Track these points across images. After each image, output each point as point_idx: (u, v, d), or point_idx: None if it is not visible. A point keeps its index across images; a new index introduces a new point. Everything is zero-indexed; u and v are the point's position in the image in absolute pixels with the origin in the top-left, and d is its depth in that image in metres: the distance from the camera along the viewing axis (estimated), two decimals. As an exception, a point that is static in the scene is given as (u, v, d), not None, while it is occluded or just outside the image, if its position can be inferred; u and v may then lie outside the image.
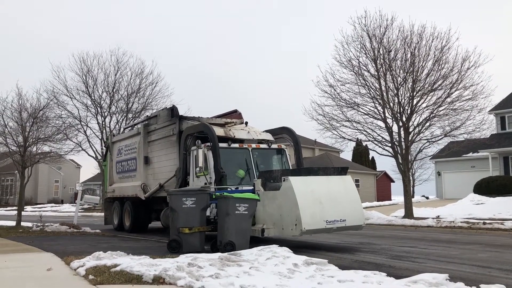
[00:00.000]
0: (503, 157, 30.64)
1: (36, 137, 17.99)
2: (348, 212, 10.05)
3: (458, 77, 19.38)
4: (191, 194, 9.56)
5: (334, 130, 20.98)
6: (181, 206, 9.40)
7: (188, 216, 9.48)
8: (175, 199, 9.48)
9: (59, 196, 56.87)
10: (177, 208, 9.45)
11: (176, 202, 9.45)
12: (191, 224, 9.47)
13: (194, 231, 9.53)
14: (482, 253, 9.49)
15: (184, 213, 9.45)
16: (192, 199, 9.43)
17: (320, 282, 5.97)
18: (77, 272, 6.93)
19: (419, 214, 20.61)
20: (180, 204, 9.40)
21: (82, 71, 32.97)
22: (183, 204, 9.40)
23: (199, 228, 9.58)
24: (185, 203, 9.40)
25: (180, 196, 9.53)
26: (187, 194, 9.53)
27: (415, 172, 54.01)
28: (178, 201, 9.43)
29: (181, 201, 9.38)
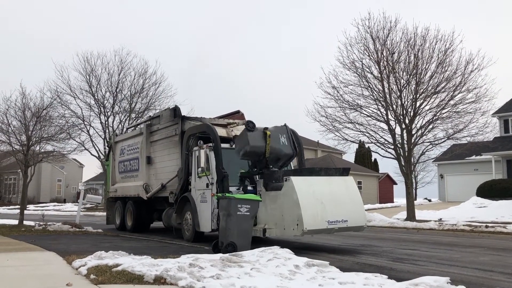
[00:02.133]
0: (506, 160, 30.55)
1: (39, 136, 18.04)
2: (350, 213, 10.05)
3: (462, 79, 19.37)
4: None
5: (336, 131, 21.00)
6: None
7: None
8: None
9: (62, 195, 57.01)
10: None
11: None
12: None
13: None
14: (484, 256, 9.46)
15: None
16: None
17: (321, 284, 5.97)
18: (79, 272, 6.94)
19: (422, 216, 20.59)
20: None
21: (86, 70, 33.13)
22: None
23: None
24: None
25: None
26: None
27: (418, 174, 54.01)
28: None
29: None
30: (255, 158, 10.68)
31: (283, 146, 10.72)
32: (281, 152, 10.73)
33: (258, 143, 10.41)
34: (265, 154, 10.42)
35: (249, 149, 10.33)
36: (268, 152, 10.42)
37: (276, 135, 10.75)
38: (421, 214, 21.53)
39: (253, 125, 10.48)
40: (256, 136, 10.43)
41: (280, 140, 10.73)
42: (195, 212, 11.72)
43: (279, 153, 10.69)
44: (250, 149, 10.34)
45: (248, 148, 10.33)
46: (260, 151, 10.45)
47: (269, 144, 10.41)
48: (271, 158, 10.68)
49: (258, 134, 10.48)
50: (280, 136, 10.79)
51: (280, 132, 10.90)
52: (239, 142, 10.68)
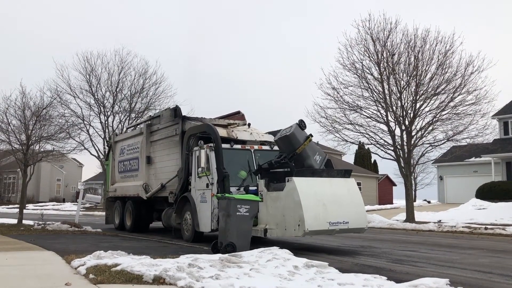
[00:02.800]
0: (505, 162, 30.58)
1: (39, 136, 18.04)
2: (351, 215, 10.06)
3: (462, 81, 19.39)
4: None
5: (336, 133, 21.01)
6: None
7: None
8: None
9: (61, 194, 56.99)
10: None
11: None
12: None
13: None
14: (483, 258, 9.46)
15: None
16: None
17: (320, 285, 5.97)
18: (78, 271, 6.94)
19: (421, 218, 20.59)
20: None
21: (86, 70, 33.04)
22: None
23: None
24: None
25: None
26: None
27: (417, 176, 54.06)
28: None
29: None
30: (287, 148, 10.74)
31: (314, 160, 10.80)
32: (309, 162, 10.73)
33: (299, 138, 10.54)
34: (296, 149, 10.50)
35: (289, 134, 10.46)
36: (300, 150, 10.50)
37: (314, 148, 11.01)
38: (421, 215, 21.54)
39: (305, 125, 10.81)
40: (301, 133, 10.65)
41: (315, 156, 10.86)
42: (194, 212, 11.72)
43: (306, 161, 10.71)
44: (290, 135, 10.45)
45: (289, 133, 10.46)
46: (295, 144, 10.51)
47: (305, 145, 10.54)
48: (298, 160, 10.67)
49: (303, 133, 10.71)
50: (317, 153, 10.95)
51: (319, 152, 11.09)
52: (283, 130, 10.97)
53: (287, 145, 10.68)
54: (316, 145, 11.24)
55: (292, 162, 10.71)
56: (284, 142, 10.70)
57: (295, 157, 10.64)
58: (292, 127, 10.72)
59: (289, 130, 10.65)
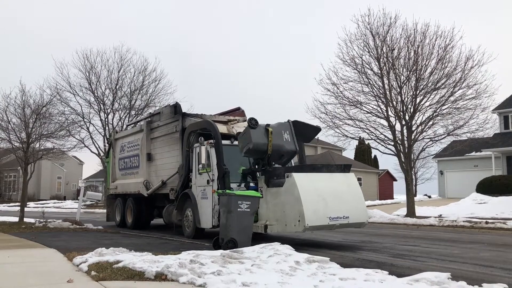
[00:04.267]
0: (506, 156, 30.57)
1: (39, 134, 18.03)
2: (351, 209, 10.06)
3: (462, 75, 19.34)
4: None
5: (336, 128, 20.97)
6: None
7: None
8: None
9: (62, 192, 57.04)
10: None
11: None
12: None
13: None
14: (484, 252, 9.48)
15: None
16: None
17: (322, 280, 5.97)
18: (80, 268, 6.95)
19: (421, 213, 20.59)
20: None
21: (86, 67, 33.05)
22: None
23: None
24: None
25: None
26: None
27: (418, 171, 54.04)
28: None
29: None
30: (258, 155, 10.65)
31: (286, 142, 10.67)
32: (284, 148, 10.68)
33: (261, 140, 10.35)
34: (267, 151, 10.37)
35: (252, 146, 10.28)
36: (270, 149, 10.37)
37: (279, 131, 10.71)
38: (421, 210, 21.54)
39: (256, 122, 10.40)
40: (259, 133, 10.38)
41: (283, 136, 10.66)
42: (195, 208, 11.73)
43: (282, 150, 10.64)
44: (253, 146, 10.28)
45: (251, 145, 10.29)
46: (263, 148, 10.40)
47: (271, 141, 10.35)
48: (274, 155, 10.65)
49: (260, 131, 10.42)
50: (283, 132, 10.73)
51: (283, 128, 10.84)
52: (242, 140, 10.64)
53: (256, 153, 10.54)
54: (276, 127, 10.68)
55: (271, 162, 10.60)
56: (252, 153, 10.57)
57: (274, 154, 10.54)
58: (247, 133, 10.31)
59: (247, 139, 10.26)
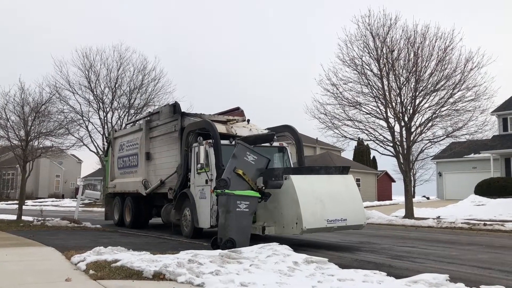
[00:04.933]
0: (504, 158, 30.59)
1: (38, 132, 18.02)
2: (349, 212, 10.04)
3: (461, 77, 19.37)
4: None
5: (335, 129, 21.00)
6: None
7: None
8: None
9: (60, 190, 56.97)
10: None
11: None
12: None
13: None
14: (482, 254, 9.48)
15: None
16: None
17: (320, 280, 5.98)
18: (78, 267, 6.94)
19: (420, 214, 20.61)
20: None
21: (85, 66, 33.04)
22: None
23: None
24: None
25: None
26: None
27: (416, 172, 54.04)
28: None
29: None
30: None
31: (256, 163, 9.96)
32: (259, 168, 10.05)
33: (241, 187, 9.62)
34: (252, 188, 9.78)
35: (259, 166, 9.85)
36: (253, 184, 9.81)
37: (244, 162, 9.83)
38: (420, 211, 21.55)
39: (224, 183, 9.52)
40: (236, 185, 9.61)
41: (249, 160, 9.88)
42: (194, 208, 11.72)
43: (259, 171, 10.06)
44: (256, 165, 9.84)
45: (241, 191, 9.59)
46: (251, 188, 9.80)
47: (249, 179, 9.74)
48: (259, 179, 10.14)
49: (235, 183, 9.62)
50: (246, 157, 9.89)
51: (242, 154, 9.93)
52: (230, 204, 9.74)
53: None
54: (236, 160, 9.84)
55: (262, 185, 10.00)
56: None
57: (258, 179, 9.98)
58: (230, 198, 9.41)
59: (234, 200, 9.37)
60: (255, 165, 9.76)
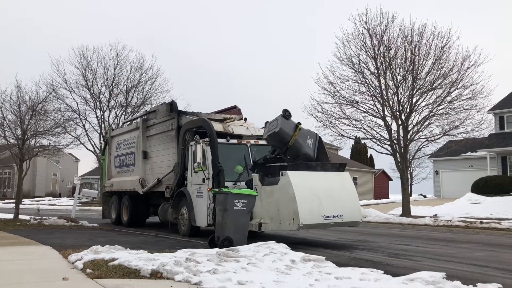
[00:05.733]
0: (501, 156, 30.68)
1: (35, 130, 17.96)
2: (346, 208, 10.08)
3: (458, 76, 19.41)
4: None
5: (333, 127, 21.00)
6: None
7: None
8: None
9: (57, 189, 56.86)
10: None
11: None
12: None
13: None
14: (479, 252, 9.51)
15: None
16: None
17: (318, 278, 5.98)
18: (75, 266, 6.93)
19: (417, 212, 20.66)
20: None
21: (82, 64, 32.87)
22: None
23: None
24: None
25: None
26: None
27: (413, 170, 54.21)
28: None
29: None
30: (278, 143, 10.71)
31: (307, 147, 10.81)
32: (303, 150, 10.75)
33: (287, 130, 10.49)
34: (288, 143, 10.48)
35: (277, 130, 10.37)
36: (292, 142, 10.49)
37: (305, 134, 10.91)
38: (416, 210, 21.61)
39: (289, 114, 10.63)
40: (288, 124, 10.56)
41: (307, 141, 10.85)
42: (191, 207, 11.72)
43: (301, 150, 10.72)
44: (279, 131, 10.36)
45: (277, 129, 10.39)
46: (286, 138, 10.49)
47: (296, 135, 10.52)
48: (292, 151, 10.72)
49: (290, 123, 10.62)
50: (308, 137, 10.92)
51: (309, 134, 11.05)
52: (270, 125, 10.79)
53: (278, 140, 10.63)
54: (304, 130, 11.07)
55: (287, 155, 10.69)
56: (274, 138, 10.66)
57: (289, 149, 10.64)
58: (277, 120, 10.58)
59: (275, 124, 10.53)
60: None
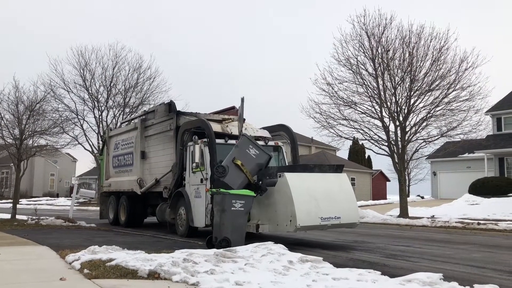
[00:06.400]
0: (498, 158, 30.75)
1: (33, 130, 17.94)
2: (343, 210, 10.09)
3: (456, 77, 19.48)
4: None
5: (331, 128, 21.05)
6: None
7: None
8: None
9: (55, 189, 56.75)
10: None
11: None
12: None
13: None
14: (476, 253, 9.54)
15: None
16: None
17: (315, 279, 5.99)
18: (72, 266, 6.93)
19: (414, 213, 20.69)
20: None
21: (80, 64, 32.82)
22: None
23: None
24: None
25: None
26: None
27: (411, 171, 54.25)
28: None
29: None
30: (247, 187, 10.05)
31: (257, 158, 10.11)
32: (259, 163, 10.15)
33: (239, 180, 9.77)
34: (250, 181, 9.86)
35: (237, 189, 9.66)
36: (250, 176, 9.85)
37: (243, 154, 10.03)
38: (414, 211, 21.64)
39: (222, 170, 9.70)
40: (233, 175, 9.78)
41: (251, 154, 10.06)
42: (189, 207, 11.72)
43: (259, 167, 10.15)
44: (238, 188, 9.69)
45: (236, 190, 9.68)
46: (246, 182, 9.91)
47: (246, 171, 9.82)
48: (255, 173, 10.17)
49: (233, 173, 9.80)
50: (248, 150, 10.09)
51: (245, 147, 10.14)
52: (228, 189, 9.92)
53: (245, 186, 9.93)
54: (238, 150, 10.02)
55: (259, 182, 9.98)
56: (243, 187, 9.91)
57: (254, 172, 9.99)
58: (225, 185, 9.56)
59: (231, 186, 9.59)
60: (255, 159, 9.82)
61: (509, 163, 30.24)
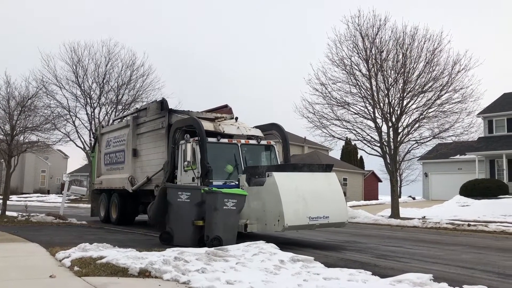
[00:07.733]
0: (489, 160, 30.99)
1: (24, 126, 17.82)
2: (332, 209, 10.10)
3: (449, 79, 19.58)
4: (186, 189, 9.45)
5: (324, 128, 21.10)
6: (223, 207, 9.22)
7: (180, 210, 9.42)
8: (220, 199, 9.22)
9: (46, 186, 56.37)
10: (219, 208, 9.21)
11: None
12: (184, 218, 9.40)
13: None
14: (466, 254, 9.59)
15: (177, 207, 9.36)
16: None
17: (306, 279, 6.00)
18: (62, 263, 6.88)
19: (405, 214, 20.78)
20: (222, 205, 9.21)
21: (73, 60, 32.68)
22: (178, 198, 9.31)
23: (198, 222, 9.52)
24: (180, 197, 9.32)
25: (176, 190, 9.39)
26: (182, 189, 9.40)
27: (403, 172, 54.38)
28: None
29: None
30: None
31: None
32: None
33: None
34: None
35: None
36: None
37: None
38: (405, 211, 21.74)
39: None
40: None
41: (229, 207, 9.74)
42: (180, 205, 11.66)
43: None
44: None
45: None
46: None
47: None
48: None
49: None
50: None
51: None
52: None
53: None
54: None
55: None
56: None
57: None
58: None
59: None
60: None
61: (499, 165, 30.49)
